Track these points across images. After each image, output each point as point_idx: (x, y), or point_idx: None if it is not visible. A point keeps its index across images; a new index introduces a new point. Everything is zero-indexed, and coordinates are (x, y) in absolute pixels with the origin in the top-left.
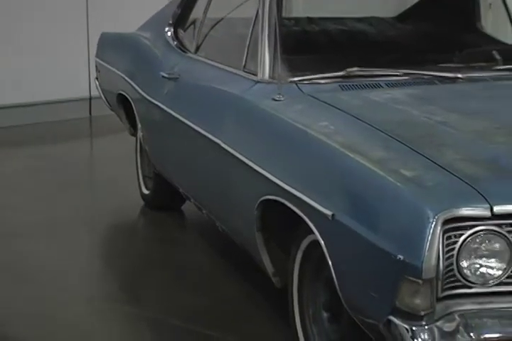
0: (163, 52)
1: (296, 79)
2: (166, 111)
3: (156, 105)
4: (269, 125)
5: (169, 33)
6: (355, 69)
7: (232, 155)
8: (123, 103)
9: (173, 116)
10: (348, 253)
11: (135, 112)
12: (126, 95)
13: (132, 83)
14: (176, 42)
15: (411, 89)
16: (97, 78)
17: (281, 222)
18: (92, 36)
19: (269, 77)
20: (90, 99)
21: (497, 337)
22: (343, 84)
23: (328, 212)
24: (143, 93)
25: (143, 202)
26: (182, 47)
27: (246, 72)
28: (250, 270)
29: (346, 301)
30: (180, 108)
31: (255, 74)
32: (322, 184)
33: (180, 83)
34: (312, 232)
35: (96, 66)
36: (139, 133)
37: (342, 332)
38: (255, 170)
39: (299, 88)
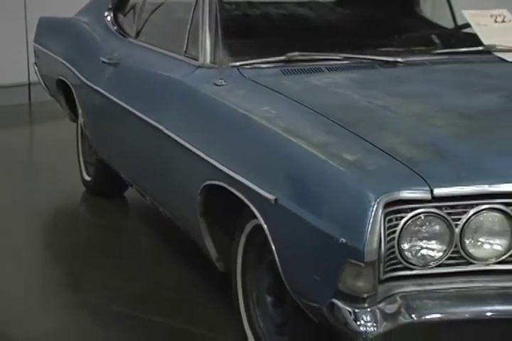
0: (102, 37)
1: (237, 63)
2: (106, 96)
3: (97, 91)
4: (211, 110)
5: (109, 18)
6: (296, 53)
7: (174, 140)
8: (63, 89)
9: (114, 102)
10: (291, 238)
11: (75, 98)
12: (66, 81)
13: (72, 68)
14: (115, 27)
15: (352, 74)
16: (35, 63)
17: (224, 207)
18: (30, 21)
19: (211, 61)
20: (29, 84)
21: (438, 318)
22: (285, 68)
23: (271, 197)
24: (83, 79)
25: (84, 189)
26: (122, 32)
27: (187, 56)
28: (194, 255)
29: (290, 285)
30: (121, 93)
31: (196, 59)
32: (265, 169)
33: (121, 68)
34: (255, 217)
35: (35, 51)
36: (80, 119)
37: (285, 315)
38: (198, 156)
39: (240, 73)
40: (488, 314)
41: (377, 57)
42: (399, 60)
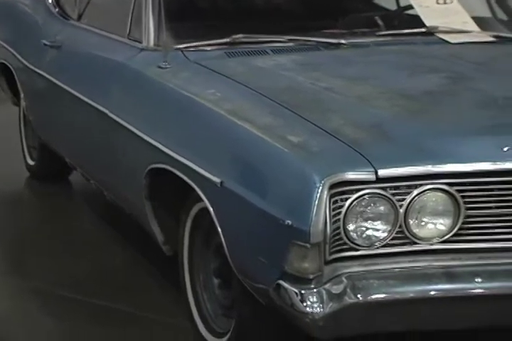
0: (44, 20)
1: (181, 46)
2: (49, 80)
3: (39, 74)
4: (155, 93)
5: (50, 0)
6: (240, 35)
7: (118, 123)
8: (4, 72)
9: (57, 85)
10: (238, 220)
11: (17, 81)
12: (7, 64)
13: (13, 51)
14: (57, 9)
15: (296, 56)
16: None
17: (170, 190)
18: None
19: (154, 44)
20: None
21: (383, 298)
22: (229, 51)
23: (217, 180)
24: (25, 62)
25: (28, 173)
26: (64, 15)
27: (130, 39)
28: (140, 238)
29: (236, 267)
30: (64, 77)
31: (140, 42)
32: (210, 151)
33: (63, 51)
34: (201, 200)
35: None
36: (22, 103)
37: (232, 298)
38: (143, 139)
39: (184, 55)
40: (432, 293)
41: (321, 39)
42: (342, 41)
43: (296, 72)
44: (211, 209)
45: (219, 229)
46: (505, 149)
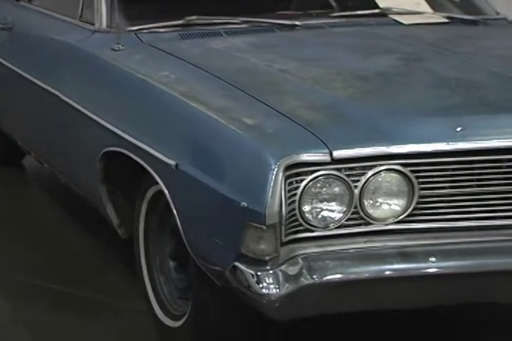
0: None
1: (134, 28)
2: (0, 62)
3: None
4: (108, 75)
5: None
6: (194, 17)
7: (72, 106)
8: None
9: (9, 68)
10: (193, 202)
11: None
12: None
13: None
14: None
15: (250, 37)
16: None
17: (125, 173)
18: None
19: (107, 26)
20: None
21: (338, 278)
22: (183, 32)
23: (172, 162)
24: None
25: None
26: None
27: (83, 21)
28: (95, 222)
29: (192, 249)
30: (15, 59)
31: (92, 24)
32: (165, 134)
33: (14, 33)
34: (156, 183)
35: None
36: None
37: (189, 280)
38: (96, 122)
39: (138, 37)
40: (387, 273)
41: (276, 21)
42: (297, 23)
43: (251, 54)
44: (166, 191)
45: (175, 212)
46: (458, 129)
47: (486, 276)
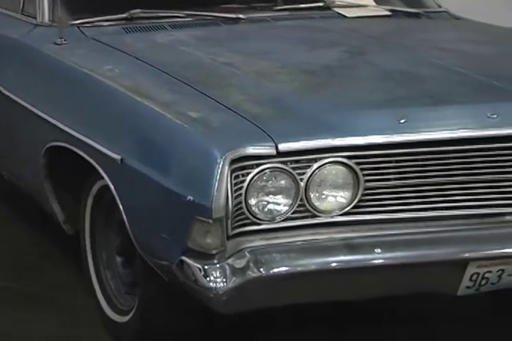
0: None
1: (77, 22)
2: None
3: None
4: (51, 70)
5: None
6: (138, 11)
7: (14, 101)
8: None
9: None
10: (139, 197)
11: None
12: None
13: None
14: None
15: (195, 31)
16: None
17: (69, 168)
18: None
19: (49, 20)
20: None
21: (285, 271)
22: (127, 26)
23: (117, 157)
24: None
25: None
26: None
27: (25, 15)
28: (40, 218)
29: (139, 244)
30: None
31: (34, 18)
32: (110, 129)
33: None
34: (102, 177)
35: None
36: None
37: (136, 275)
38: (39, 117)
39: (81, 31)
40: (334, 264)
41: (220, 14)
42: (241, 16)
43: (196, 48)
44: (112, 186)
45: (120, 207)
46: (402, 121)
47: (431, 267)
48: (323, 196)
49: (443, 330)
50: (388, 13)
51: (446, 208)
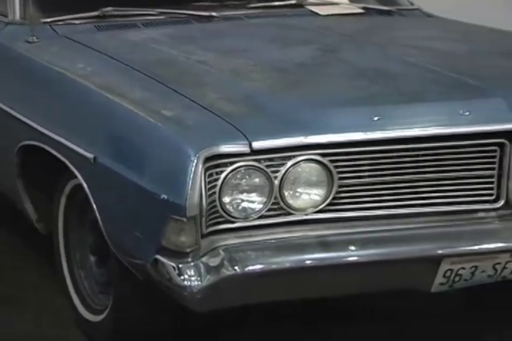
0: None
1: (49, 20)
2: None
3: None
4: (23, 68)
5: None
6: (110, 9)
7: None
8: None
9: None
10: (113, 196)
11: None
12: None
13: None
14: None
15: (168, 29)
16: None
17: (42, 167)
18: None
19: (21, 18)
20: None
21: (260, 269)
22: (99, 24)
23: (90, 155)
24: None
25: None
26: None
27: None
28: (12, 217)
29: (113, 243)
30: None
31: (5, 16)
32: (83, 127)
33: None
34: (75, 176)
35: None
36: None
37: (110, 274)
38: (12, 116)
39: (53, 29)
40: (308, 262)
41: (193, 12)
42: (214, 14)
43: (169, 46)
44: (85, 185)
45: (94, 206)
46: (376, 119)
47: (405, 264)
48: (298, 194)
49: (415, 327)
50: (361, 10)
51: (420, 205)
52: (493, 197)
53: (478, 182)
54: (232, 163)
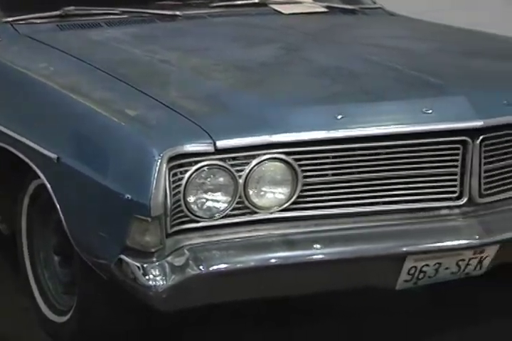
0: None
1: (10, 19)
2: None
3: None
4: None
5: None
6: (72, 8)
7: None
8: None
9: None
10: (76, 196)
11: None
12: None
13: None
14: None
15: (131, 28)
16: None
17: (5, 167)
18: None
19: None
20: None
21: (225, 268)
22: (61, 23)
23: (53, 156)
24: None
25: None
26: None
27: None
28: None
29: (77, 243)
30: None
31: None
32: (46, 127)
33: None
34: (38, 177)
35: None
36: None
37: (74, 274)
38: None
39: (14, 29)
40: (273, 261)
41: (156, 11)
42: (177, 13)
43: (132, 45)
44: (49, 185)
45: (57, 206)
46: (339, 117)
47: (370, 261)
48: (262, 193)
49: (374, 323)
50: (324, 9)
51: (384, 203)
52: (457, 195)
53: (442, 180)
54: (196, 163)
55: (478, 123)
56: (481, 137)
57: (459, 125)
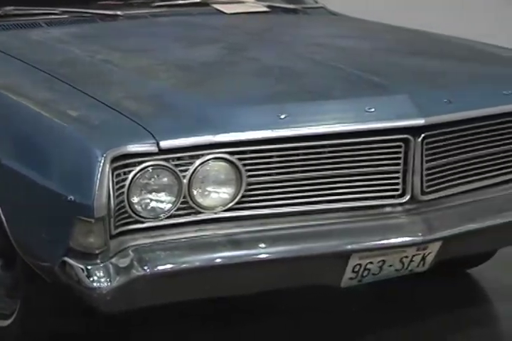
0: None
1: None
2: None
3: None
4: None
5: None
6: (11, 8)
7: None
8: None
9: None
10: (18, 198)
11: None
12: None
13: None
14: None
15: (72, 28)
16: None
17: None
18: None
19: None
20: None
21: (170, 268)
22: (1, 23)
23: None
24: None
25: None
26: None
27: None
28: None
29: (19, 246)
30: None
31: None
32: None
33: None
34: None
35: None
36: None
37: (16, 278)
38: None
39: None
40: (218, 260)
41: (97, 11)
42: (119, 13)
43: (73, 45)
44: None
45: None
46: (283, 117)
47: (315, 259)
48: (206, 192)
49: (323, 322)
50: (267, 9)
51: (328, 201)
52: (399, 192)
53: (385, 178)
54: (140, 163)
55: (419, 122)
56: (422, 135)
57: (401, 123)
